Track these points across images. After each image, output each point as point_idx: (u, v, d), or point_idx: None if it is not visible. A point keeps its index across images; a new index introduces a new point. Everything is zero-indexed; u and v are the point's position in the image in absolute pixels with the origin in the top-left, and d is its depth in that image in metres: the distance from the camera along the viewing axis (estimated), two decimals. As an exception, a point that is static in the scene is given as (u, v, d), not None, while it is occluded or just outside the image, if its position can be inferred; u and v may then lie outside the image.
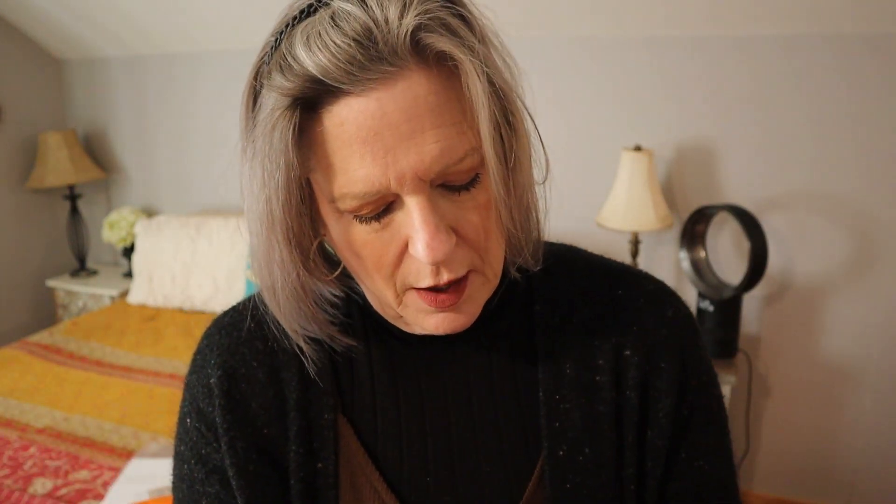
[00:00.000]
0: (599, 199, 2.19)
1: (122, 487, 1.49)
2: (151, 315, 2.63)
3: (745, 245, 1.92)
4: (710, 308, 2.00)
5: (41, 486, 1.53)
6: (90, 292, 2.97)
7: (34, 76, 3.08)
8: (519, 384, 0.59)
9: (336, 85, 0.43)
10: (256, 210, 0.49)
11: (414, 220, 0.46)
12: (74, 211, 3.08)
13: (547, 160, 0.53)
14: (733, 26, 2.01)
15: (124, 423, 1.82)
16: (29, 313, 3.17)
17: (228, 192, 2.99)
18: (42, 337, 2.43)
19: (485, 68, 0.45)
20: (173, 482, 0.62)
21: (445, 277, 0.48)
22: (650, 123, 2.20)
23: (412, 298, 0.51)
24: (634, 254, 2.12)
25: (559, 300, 0.60)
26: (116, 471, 1.58)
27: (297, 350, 0.58)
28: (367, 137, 0.44)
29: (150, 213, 3.14)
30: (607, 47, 2.20)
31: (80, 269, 3.11)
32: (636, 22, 2.11)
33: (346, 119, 0.44)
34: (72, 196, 3.05)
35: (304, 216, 0.49)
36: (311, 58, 0.43)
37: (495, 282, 0.54)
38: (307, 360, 0.57)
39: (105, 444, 1.72)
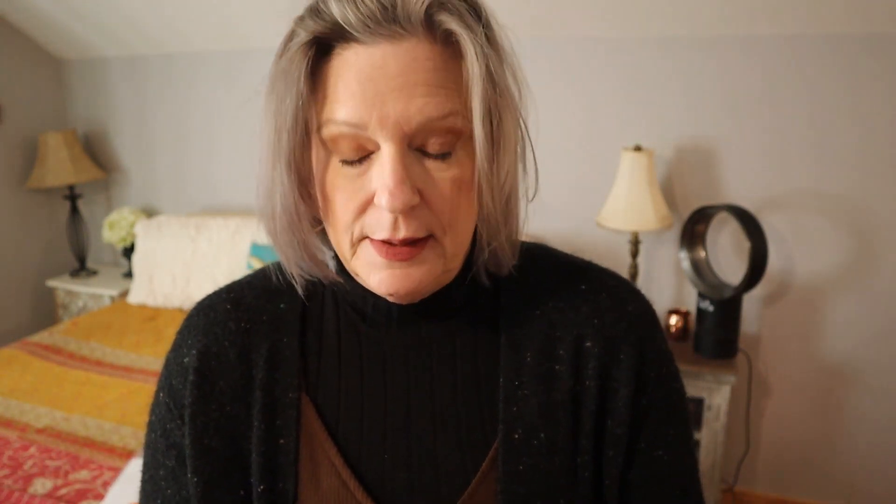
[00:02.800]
0: (599, 199, 2.19)
1: (122, 487, 1.49)
2: (151, 315, 2.63)
3: (745, 245, 1.92)
4: (710, 308, 2.00)
5: (41, 486, 1.53)
6: (90, 292, 2.97)
7: (34, 76, 3.08)
8: (480, 371, 0.62)
9: (352, 32, 0.50)
10: (267, 138, 0.54)
11: (384, 168, 0.50)
12: (74, 211, 3.08)
13: (536, 172, 0.59)
14: (734, 26, 2.01)
15: (124, 423, 1.82)
16: (29, 313, 3.17)
17: (228, 192, 2.99)
18: (42, 337, 2.43)
19: (486, 55, 0.51)
20: (144, 446, 0.67)
21: (402, 233, 0.52)
22: (650, 123, 2.20)
23: (365, 250, 0.54)
24: (634, 254, 2.12)
25: (524, 293, 0.63)
26: (116, 471, 1.58)
27: (293, 281, 0.61)
28: (364, 80, 0.50)
29: (150, 213, 3.15)
30: (607, 47, 2.20)
31: (80, 269, 3.11)
32: (636, 22, 2.11)
33: (351, 62, 0.51)
34: (72, 196, 3.05)
35: (306, 149, 0.54)
36: (339, 8, 0.50)
37: (453, 262, 0.57)
38: (299, 288, 0.61)
39: (105, 444, 1.72)
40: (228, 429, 0.61)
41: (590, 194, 2.26)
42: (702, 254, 2.12)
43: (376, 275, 0.54)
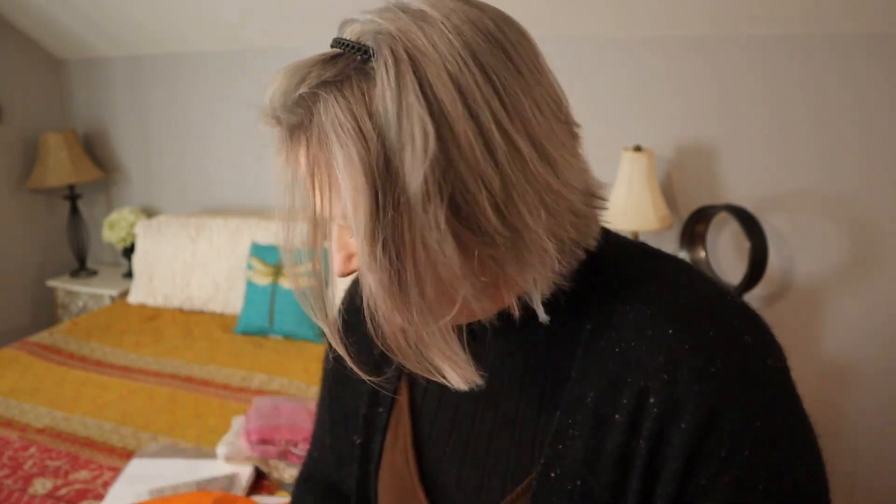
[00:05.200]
0: (599, 199, 2.19)
1: (122, 487, 1.49)
2: (151, 315, 2.63)
3: (745, 245, 1.92)
4: (710, 308, 2.00)
5: (41, 486, 1.53)
6: (90, 292, 2.98)
7: (34, 76, 3.08)
8: (546, 396, 0.58)
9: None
10: None
11: None
12: (74, 211, 3.08)
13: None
14: (734, 26, 2.01)
15: (124, 423, 1.82)
16: (29, 313, 3.17)
17: (228, 192, 2.99)
18: (42, 337, 2.43)
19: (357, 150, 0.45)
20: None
21: None
22: (650, 123, 2.20)
23: None
24: (634, 254, 2.12)
25: (611, 326, 0.56)
26: (116, 471, 1.58)
27: None
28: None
29: (150, 213, 3.15)
30: (608, 47, 2.20)
31: (81, 269, 3.12)
32: (637, 22, 2.11)
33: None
34: (72, 196, 3.05)
35: None
36: (264, 105, 0.51)
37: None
38: None
39: (105, 444, 1.72)
40: (354, 387, 0.73)
41: (590, 194, 2.26)
42: (702, 254, 2.12)
43: None
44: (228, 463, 1.56)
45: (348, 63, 0.46)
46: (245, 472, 1.52)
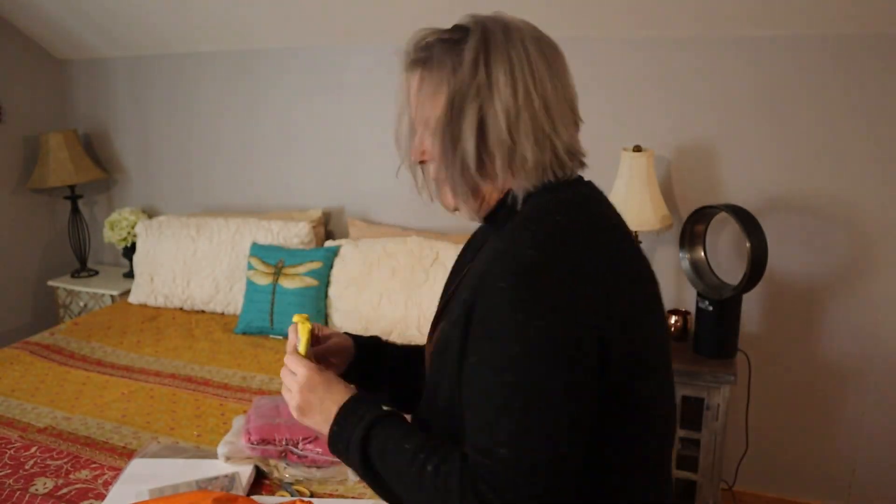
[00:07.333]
0: (599, 200, 2.19)
1: (122, 487, 1.49)
2: (152, 315, 2.64)
3: (745, 245, 1.93)
4: (710, 308, 2.00)
5: (42, 485, 1.53)
6: (91, 292, 2.98)
7: (35, 77, 3.09)
8: (455, 274, 0.98)
9: None
10: None
11: None
12: (75, 211, 3.09)
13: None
14: (734, 27, 2.02)
15: (125, 422, 1.83)
16: (30, 313, 3.17)
17: (229, 192, 2.99)
18: (43, 337, 2.44)
19: (443, 84, 0.81)
20: None
21: None
22: (650, 123, 2.20)
23: None
24: (634, 254, 2.12)
25: (483, 249, 0.88)
26: (117, 470, 1.58)
27: None
28: None
29: (150, 213, 3.15)
30: (608, 48, 2.20)
31: (81, 269, 3.12)
32: (637, 23, 2.11)
33: None
34: (73, 196, 3.06)
35: None
36: None
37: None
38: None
39: (106, 443, 1.72)
40: None
41: (590, 194, 2.26)
42: (701, 254, 2.12)
43: None
44: (228, 463, 1.56)
45: (454, 35, 0.83)
46: (245, 472, 1.53)
